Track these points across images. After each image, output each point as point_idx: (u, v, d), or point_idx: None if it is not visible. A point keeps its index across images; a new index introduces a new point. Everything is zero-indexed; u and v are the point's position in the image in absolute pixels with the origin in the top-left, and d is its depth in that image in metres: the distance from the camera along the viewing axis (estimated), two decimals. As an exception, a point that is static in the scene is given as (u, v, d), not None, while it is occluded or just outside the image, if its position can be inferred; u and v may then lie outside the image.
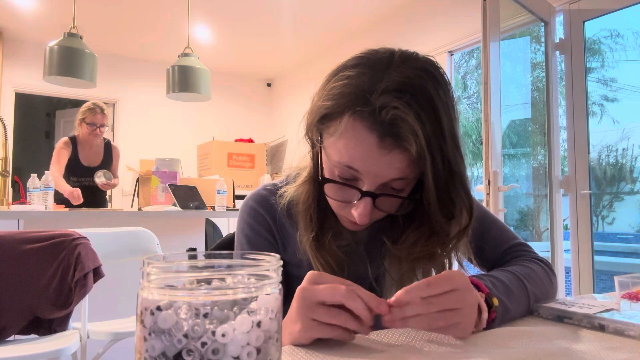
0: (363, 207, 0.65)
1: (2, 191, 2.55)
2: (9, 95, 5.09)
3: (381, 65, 0.62)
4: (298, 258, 0.77)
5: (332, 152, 0.65)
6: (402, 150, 0.61)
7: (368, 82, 0.61)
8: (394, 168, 0.62)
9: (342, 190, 0.67)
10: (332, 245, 0.74)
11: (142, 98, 5.71)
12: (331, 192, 0.69)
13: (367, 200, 0.65)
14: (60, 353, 1.49)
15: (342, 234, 0.75)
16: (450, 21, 3.72)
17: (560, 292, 2.75)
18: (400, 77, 0.60)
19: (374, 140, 0.60)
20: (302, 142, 0.74)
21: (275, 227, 0.81)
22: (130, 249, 1.94)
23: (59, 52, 2.93)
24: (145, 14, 4.50)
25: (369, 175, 0.63)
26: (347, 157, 0.63)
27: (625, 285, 0.70)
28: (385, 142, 0.60)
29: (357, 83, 0.61)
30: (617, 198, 4.99)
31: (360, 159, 0.62)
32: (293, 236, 0.79)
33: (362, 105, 0.60)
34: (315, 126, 0.67)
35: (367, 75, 0.61)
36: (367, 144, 0.61)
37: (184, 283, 0.37)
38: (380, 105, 0.59)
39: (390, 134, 0.59)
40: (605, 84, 4.88)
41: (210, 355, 0.33)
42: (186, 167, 4.75)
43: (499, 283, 0.69)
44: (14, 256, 1.57)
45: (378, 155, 0.61)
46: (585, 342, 0.57)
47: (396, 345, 0.56)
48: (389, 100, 0.59)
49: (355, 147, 0.62)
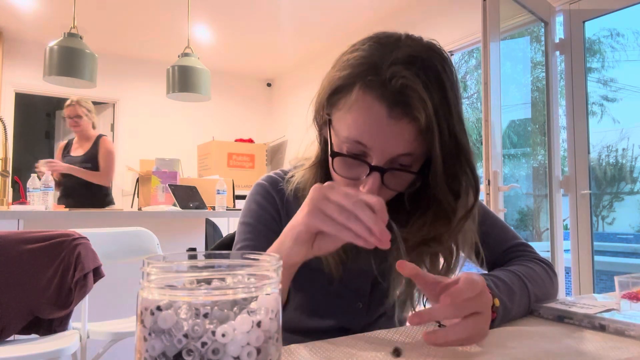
0: (371, 182, 0.65)
1: (2, 191, 2.55)
2: (9, 95, 5.09)
3: (390, 42, 0.64)
4: None
5: (341, 129, 0.66)
6: (410, 120, 0.62)
7: (378, 55, 0.63)
8: (402, 141, 0.63)
9: (350, 166, 0.67)
10: None
11: (142, 98, 5.70)
12: (340, 168, 0.69)
13: (376, 175, 0.65)
14: (60, 353, 1.48)
15: None
16: (450, 21, 3.72)
17: (560, 292, 2.74)
18: (409, 50, 0.63)
19: (384, 110, 0.62)
20: (307, 133, 0.76)
21: (283, 209, 0.81)
22: (130, 249, 1.94)
23: (59, 52, 2.93)
24: (145, 14, 4.50)
25: (378, 149, 0.64)
26: (356, 131, 0.64)
27: (625, 285, 0.70)
28: (394, 112, 0.62)
29: (368, 56, 0.64)
30: (617, 198, 4.98)
31: (369, 132, 0.63)
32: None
33: (373, 76, 0.62)
34: (325, 103, 0.69)
35: (377, 50, 0.64)
36: (377, 114, 0.62)
37: (184, 283, 0.37)
38: (390, 75, 0.61)
39: (399, 103, 0.61)
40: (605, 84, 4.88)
41: (210, 355, 0.33)
42: (186, 167, 4.75)
43: (501, 283, 0.69)
44: (14, 256, 1.57)
45: (387, 126, 0.62)
46: (586, 342, 0.57)
47: (395, 346, 0.56)
48: (398, 70, 0.61)
49: (364, 118, 0.63)
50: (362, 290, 0.82)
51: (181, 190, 2.84)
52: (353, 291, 0.82)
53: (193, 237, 2.74)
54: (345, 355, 0.53)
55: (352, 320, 0.82)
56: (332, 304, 0.82)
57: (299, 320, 0.82)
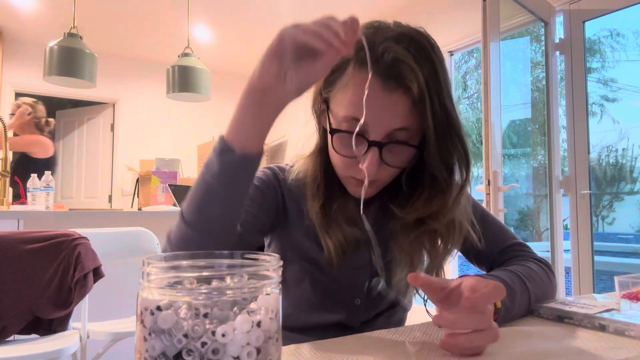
0: (371, 157, 0.67)
1: (2, 191, 2.55)
2: (9, 96, 5.08)
3: (382, 27, 0.69)
4: (301, 224, 0.79)
5: (339, 109, 0.69)
6: (404, 91, 0.65)
7: (371, 35, 0.67)
8: (397, 114, 0.66)
9: (349, 144, 0.68)
10: (339, 216, 0.76)
11: (142, 98, 5.70)
12: (339, 147, 0.71)
13: (375, 150, 0.67)
14: (60, 353, 1.48)
15: (348, 206, 0.77)
16: (450, 21, 3.72)
17: (560, 292, 2.75)
18: (398, 30, 0.68)
19: (378, 83, 0.65)
20: (306, 125, 0.78)
21: (283, 199, 0.82)
22: (130, 249, 1.94)
23: (59, 52, 2.93)
24: (145, 14, 4.50)
25: (374, 123, 0.66)
26: (353, 108, 0.67)
27: (625, 285, 0.70)
28: (388, 85, 0.65)
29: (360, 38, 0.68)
30: (617, 198, 4.98)
31: (366, 107, 0.65)
32: (299, 207, 0.80)
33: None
34: (322, 87, 0.72)
35: (370, 31, 0.68)
36: (372, 88, 0.64)
37: (184, 283, 0.37)
38: (382, 50, 0.64)
39: (392, 75, 0.64)
40: (605, 84, 4.88)
41: (210, 355, 0.33)
42: (186, 167, 4.75)
43: (502, 283, 0.68)
44: (14, 256, 1.57)
45: (382, 98, 0.65)
46: (586, 342, 0.57)
47: (396, 346, 0.56)
48: (389, 46, 0.64)
49: (360, 93, 0.65)
50: (359, 287, 0.82)
51: (181, 190, 2.84)
52: (351, 287, 0.82)
53: (193, 237, 2.73)
54: (345, 355, 0.53)
55: (350, 316, 0.82)
56: (330, 300, 0.82)
57: (296, 317, 0.82)
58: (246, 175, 0.60)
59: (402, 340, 0.59)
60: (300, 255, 0.82)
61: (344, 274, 0.80)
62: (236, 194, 0.61)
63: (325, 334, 0.79)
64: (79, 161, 5.74)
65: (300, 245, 0.81)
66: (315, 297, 0.82)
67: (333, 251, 0.75)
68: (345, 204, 0.78)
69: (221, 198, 0.60)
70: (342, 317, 0.82)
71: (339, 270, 0.78)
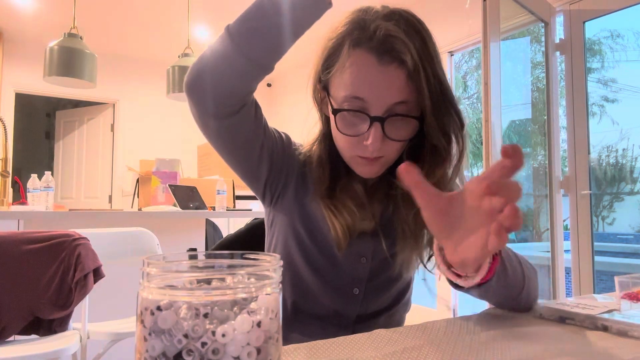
0: (374, 132, 0.70)
1: (2, 191, 2.55)
2: (9, 96, 5.09)
3: (371, 10, 0.72)
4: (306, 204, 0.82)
5: (338, 91, 0.72)
6: (399, 64, 0.68)
7: (362, 16, 0.71)
8: (395, 87, 0.69)
9: (352, 123, 0.72)
10: (346, 200, 0.78)
11: (142, 98, 5.71)
12: (343, 127, 0.73)
13: (377, 125, 0.70)
14: (61, 353, 1.48)
15: (353, 187, 0.80)
16: (450, 21, 3.72)
17: (560, 292, 2.75)
18: (387, 9, 0.71)
19: (373, 59, 0.68)
20: (309, 116, 0.81)
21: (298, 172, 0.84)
22: (130, 249, 1.94)
23: (59, 52, 2.93)
24: (145, 14, 4.50)
25: (374, 99, 0.69)
26: (352, 87, 0.70)
27: (625, 285, 0.70)
28: (383, 60, 0.68)
29: (352, 19, 0.72)
30: (617, 198, 4.99)
31: (364, 83, 0.69)
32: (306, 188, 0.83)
33: (359, 32, 0.69)
34: (321, 71, 0.75)
35: (360, 14, 0.72)
36: (368, 65, 0.68)
37: (184, 283, 0.37)
38: (374, 28, 0.68)
39: (386, 50, 0.67)
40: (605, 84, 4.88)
41: (210, 355, 0.33)
42: (186, 168, 4.75)
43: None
44: (14, 256, 1.57)
45: (379, 73, 0.68)
46: (588, 343, 0.57)
47: (396, 345, 0.56)
48: (380, 23, 0.68)
49: (358, 71, 0.69)
50: (360, 276, 0.82)
51: (181, 190, 2.84)
52: (351, 276, 0.82)
53: (193, 237, 2.74)
54: (345, 355, 0.53)
55: (347, 306, 0.82)
56: (328, 287, 0.82)
57: (292, 302, 0.82)
58: (311, 11, 0.66)
59: (401, 340, 0.59)
60: (299, 239, 0.83)
61: (345, 262, 0.80)
62: (293, 26, 0.66)
63: (321, 322, 0.79)
64: (79, 161, 5.74)
65: (304, 226, 0.81)
66: (314, 283, 0.82)
67: (341, 234, 0.76)
68: (352, 188, 0.80)
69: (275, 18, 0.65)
70: (338, 305, 0.82)
71: (340, 257, 0.79)
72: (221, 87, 0.70)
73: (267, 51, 0.69)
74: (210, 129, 0.75)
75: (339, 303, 0.82)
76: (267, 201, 0.86)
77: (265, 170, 0.81)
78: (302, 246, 0.82)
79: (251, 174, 0.82)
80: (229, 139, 0.76)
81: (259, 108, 0.79)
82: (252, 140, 0.77)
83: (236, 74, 0.69)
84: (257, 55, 0.68)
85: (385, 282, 0.83)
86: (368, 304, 0.83)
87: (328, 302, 0.82)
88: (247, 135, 0.76)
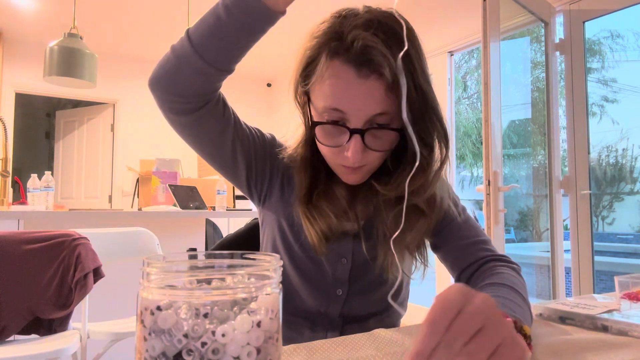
0: (354, 144, 0.69)
1: (2, 191, 2.55)
2: (9, 96, 5.09)
3: (350, 14, 0.70)
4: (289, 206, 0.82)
5: (318, 101, 0.71)
6: (378, 76, 0.66)
7: (339, 25, 0.69)
8: (374, 99, 0.67)
9: (332, 135, 0.72)
10: (324, 206, 0.77)
11: (142, 98, 5.70)
12: (322, 137, 0.73)
13: (357, 137, 0.69)
14: (61, 353, 1.48)
15: (334, 190, 0.79)
16: (450, 21, 3.72)
17: (560, 292, 2.75)
18: (367, 16, 0.68)
19: (352, 71, 0.66)
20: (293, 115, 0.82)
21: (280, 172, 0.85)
22: (130, 249, 1.94)
23: (59, 52, 2.93)
24: (145, 14, 4.50)
25: (354, 111, 0.68)
26: (331, 98, 0.68)
27: (625, 285, 0.70)
28: (362, 72, 0.66)
29: (330, 26, 0.70)
30: (617, 198, 4.98)
31: (343, 96, 0.67)
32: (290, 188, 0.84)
33: (336, 42, 0.67)
34: (299, 79, 0.74)
35: (338, 20, 0.69)
36: (347, 77, 0.66)
37: (184, 283, 0.37)
38: (351, 38, 0.66)
39: (364, 62, 0.65)
40: (605, 84, 4.88)
41: (210, 355, 0.33)
42: (186, 167, 4.75)
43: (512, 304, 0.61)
44: (14, 256, 1.57)
45: (358, 85, 0.66)
46: (588, 343, 0.57)
47: (396, 346, 0.56)
48: (358, 33, 0.65)
49: (336, 84, 0.67)
50: (340, 277, 0.82)
51: (181, 190, 2.84)
52: (332, 276, 0.82)
53: (193, 237, 2.74)
54: (345, 355, 0.53)
55: (330, 306, 0.82)
56: (312, 287, 0.82)
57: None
58: (258, 25, 0.69)
59: (402, 340, 0.59)
60: (285, 238, 0.83)
61: (326, 261, 0.81)
62: (244, 30, 0.68)
63: (305, 322, 0.80)
64: (79, 161, 5.74)
65: (289, 226, 0.82)
66: (298, 283, 0.82)
67: (316, 240, 0.76)
68: (333, 191, 0.79)
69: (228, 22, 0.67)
70: (322, 305, 0.82)
71: (321, 258, 0.80)
72: (180, 85, 0.71)
73: (222, 54, 0.70)
74: (174, 123, 0.77)
75: (323, 303, 0.82)
76: (256, 200, 0.87)
77: (242, 168, 0.82)
78: (288, 245, 0.83)
79: (231, 172, 0.83)
80: (192, 134, 0.78)
81: (228, 106, 0.79)
82: (219, 137, 0.78)
83: (195, 73, 0.70)
84: (212, 57, 0.69)
85: (369, 285, 0.83)
86: (351, 306, 0.83)
87: (312, 302, 0.82)
88: (212, 132, 0.77)
